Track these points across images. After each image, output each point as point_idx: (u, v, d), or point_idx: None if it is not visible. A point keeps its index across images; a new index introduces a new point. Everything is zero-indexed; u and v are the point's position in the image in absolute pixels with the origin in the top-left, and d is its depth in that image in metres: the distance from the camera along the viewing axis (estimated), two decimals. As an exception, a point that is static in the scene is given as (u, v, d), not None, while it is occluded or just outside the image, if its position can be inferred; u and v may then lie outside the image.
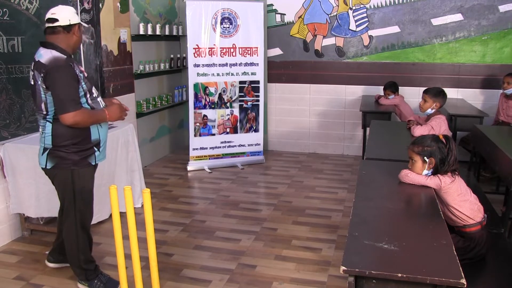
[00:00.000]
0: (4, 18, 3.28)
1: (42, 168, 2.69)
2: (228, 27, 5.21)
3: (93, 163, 2.71)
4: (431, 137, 2.47)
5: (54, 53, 2.48)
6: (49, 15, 2.53)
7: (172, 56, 5.86)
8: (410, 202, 2.32)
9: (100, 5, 4.40)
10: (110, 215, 3.58)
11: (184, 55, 6.03)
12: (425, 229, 1.94)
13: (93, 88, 2.68)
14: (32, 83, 2.52)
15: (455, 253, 1.69)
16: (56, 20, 2.51)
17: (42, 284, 2.90)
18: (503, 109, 4.94)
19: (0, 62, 3.28)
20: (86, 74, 2.64)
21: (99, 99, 2.71)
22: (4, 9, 3.28)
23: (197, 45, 5.11)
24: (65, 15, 2.52)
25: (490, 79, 5.40)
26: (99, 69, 4.48)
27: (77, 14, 2.58)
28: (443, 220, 2.02)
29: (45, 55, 2.47)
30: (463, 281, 1.51)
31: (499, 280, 2.33)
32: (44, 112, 2.53)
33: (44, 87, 2.45)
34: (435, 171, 2.41)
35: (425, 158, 2.40)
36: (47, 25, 2.54)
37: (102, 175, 3.61)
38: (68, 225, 2.75)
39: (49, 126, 2.56)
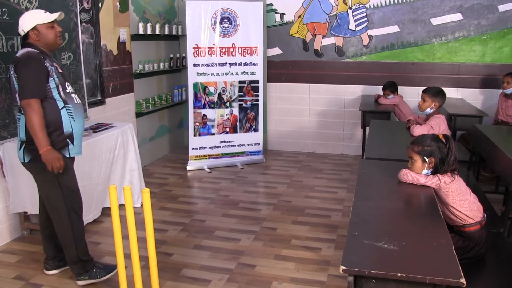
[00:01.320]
0: (4, 17, 3.28)
1: (22, 163, 2.74)
2: (228, 27, 5.21)
3: (68, 156, 2.72)
4: (431, 136, 2.47)
5: (28, 49, 2.61)
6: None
7: (171, 55, 5.86)
8: (409, 202, 2.32)
9: (100, 4, 4.40)
10: (107, 214, 3.57)
11: (184, 55, 6.02)
12: (425, 228, 1.94)
13: (68, 84, 2.76)
14: (9, 75, 2.65)
15: (455, 253, 1.69)
16: (19, 33, 2.71)
17: (42, 284, 2.90)
18: (502, 108, 4.95)
19: (0, 61, 3.28)
20: (60, 70, 2.74)
21: (74, 95, 2.77)
22: (4, 9, 3.27)
23: (196, 44, 5.11)
24: (20, 26, 2.68)
25: (490, 78, 5.40)
26: (99, 69, 4.48)
27: (35, 16, 2.68)
28: (443, 219, 2.02)
29: (21, 51, 2.62)
30: (463, 280, 1.51)
31: (499, 280, 2.33)
32: (18, 103, 2.60)
33: (15, 76, 2.56)
34: (435, 171, 2.41)
35: (424, 157, 2.40)
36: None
37: (101, 174, 3.62)
38: (59, 217, 2.77)
39: (23, 119, 2.61)
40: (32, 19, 2.66)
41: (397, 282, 1.60)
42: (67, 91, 2.72)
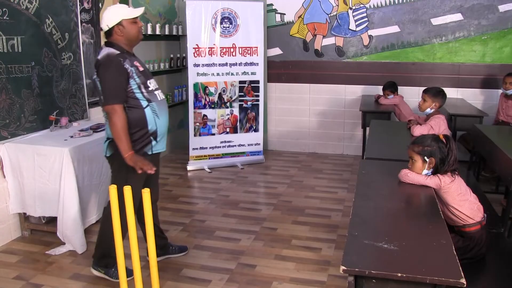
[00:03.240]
0: (4, 17, 3.28)
1: (105, 156, 2.82)
2: (228, 27, 5.21)
3: (149, 153, 2.77)
4: (431, 137, 2.47)
5: (109, 50, 2.64)
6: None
7: (172, 55, 5.86)
8: (410, 202, 2.32)
9: (100, 4, 4.40)
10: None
11: (184, 55, 6.03)
12: (425, 228, 1.94)
13: (151, 81, 2.78)
14: (94, 77, 2.69)
15: (455, 253, 1.69)
16: (101, 28, 2.75)
17: (42, 284, 2.90)
18: (503, 109, 4.94)
19: (0, 61, 3.28)
20: (141, 69, 2.73)
21: (157, 92, 2.80)
22: (4, 9, 3.27)
23: (197, 44, 5.11)
24: (104, 21, 2.69)
25: (490, 79, 5.40)
26: (99, 69, 4.47)
27: (120, 11, 2.68)
28: (443, 219, 2.02)
29: (102, 52, 2.66)
30: (463, 280, 1.51)
31: (499, 280, 2.33)
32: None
33: (98, 79, 2.62)
34: (435, 171, 2.41)
35: (425, 158, 2.40)
36: None
37: (102, 174, 3.62)
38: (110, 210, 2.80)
39: (103, 108, 2.67)
40: (118, 14, 2.66)
41: (397, 282, 1.60)
42: (150, 88, 2.74)
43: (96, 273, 2.94)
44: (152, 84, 2.78)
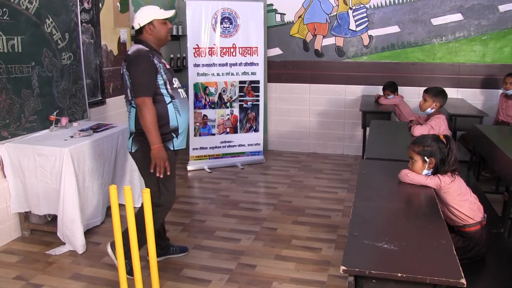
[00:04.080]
0: (4, 18, 3.27)
1: (129, 152, 2.88)
2: (228, 27, 5.21)
3: (172, 149, 2.84)
4: (431, 137, 2.47)
5: (139, 46, 2.77)
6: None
7: (172, 56, 5.86)
8: (410, 202, 2.32)
9: (100, 5, 4.40)
10: (108, 214, 3.57)
11: (184, 55, 6.03)
12: (425, 229, 1.94)
13: (175, 79, 2.88)
14: (122, 72, 2.80)
15: (455, 253, 1.69)
16: (133, 26, 2.87)
17: (42, 284, 2.90)
18: (503, 109, 4.94)
19: (0, 61, 3.28)
20: (168, 67, 2.85)
21: (180, 90, 2.89)
22: (4, 9, 3.27)
23: (197, 45, 5.11)
24: (137, 20, 2.82)
25: (490, 79, 5.40)
26: (99, 69, 4.48)
27: (152, 11, 2.81)
28: (443, 220, 2.02)
29: (132, 49, 2.78)
30: (463, 280, 1.51)
31: (499, 280, 2.33)
32: (130, 98, 2.76)
33: (128, 73, 2.70)
34: (435, 171, 2.41)
35: (425, 158, 2.40)
36: None
37: (102, 174, 3.62)
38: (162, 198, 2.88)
39: (133, 111, 2.78)
40: (150, 14, 2.79)
41: (397, 282, 1.60)
42: (174, 86, 2.83)
43: (111, 254, 2.89)
44: (176, 82, 2.88)
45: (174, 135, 2.84)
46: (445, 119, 3.56)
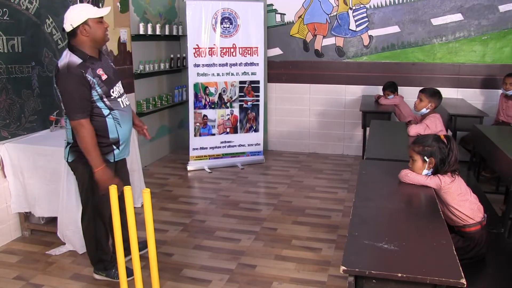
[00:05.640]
0: (4, 18, 3.28)
1: (66, 161, 2.77)
2: (228, 27, 5.21)
3: (112, 161, 2.72)
4: (432, 137, 2.47)
5: (70, 58, 2.53)
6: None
7: (172, 56, 5.86)
8: (410, 202, 2.32)
9: (100, 5, 4.40)
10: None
11: (184, 55, 6.03)
12: (425, 229, 1.93)
13: (115, 88, 2.68)
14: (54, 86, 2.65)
15: (455, 253, 1.69)
16: (64, 28, 2.59)
17: (42, 284, 2.91)
18: (503, 109, 4.94)
19: (0, 62, 3.28)
20: (105, 77, 2.62)
21: (120, 99, 2.71)
22: (4, 9, 3.28)
23: (197, 45, 5.11)
24: (67, 21, 2.54)
25: (490, 79, 5.40)
26: (99, 69, 4.47)
27: (85, 10, 2.56)
28: (443, 220, 2.02)
29: (63, 59, 2.55)
30: (463, 281, 1.51)
31: (499, 280, 2.33)
32: (63, 113, 2.64)
33: (57, 89, 2.56)
34: (435, 171, 2.41)
35: (425, 157, 2.40)
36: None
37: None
38: (86, 217, 2.84)
39: (69, 122, 2.60)
40: (82, 13, 2.52)
41: (397, 283, 1.60)
42: (112, 97, 2.65)
43: (99, 277, 2.96)
44: (116, 91, 2.69)
45: (115, 147, 2.70)
46: (439, 117, 3.57)
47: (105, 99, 2.61)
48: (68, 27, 2.55)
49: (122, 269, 2.14)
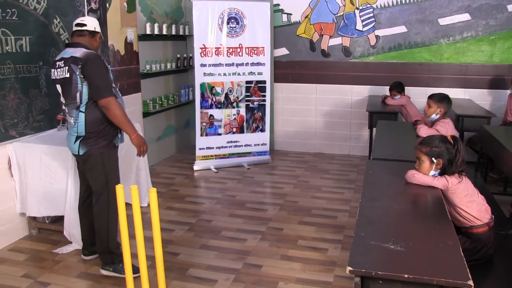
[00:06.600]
0: (13, 18, 3.30)
1: (75, 155, 2.92)
2: (235, 27, 5.21)
3: (117, 145, 2.98)
4: (439, 137, 2.46)
5: (85, 50, 2.79)
6: (78, 20, 2.92)
7: (178, 55, 5.88)
8: (416, 203, 2.32)
9: (107, 5, 4.42)
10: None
11: (191, 55, 6.04)
12: (432, 229, 1.93)
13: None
14: (68, 75, 2.73)
15: (462, 254, 1.68)
16: (84, 25, 2.89)
17: (49, 282, 2.92)
18: (511, 109, 4.91)
19: (8, 61, 3.30)
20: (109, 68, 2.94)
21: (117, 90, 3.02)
22: (13, 9, 3.30)
23: (203, 44, 5.11)
24: (92, 23, 2.93)
25: (498, 79, 5.37)
26: (106, 69, 4.49)
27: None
28: (450, 221, 2.01)
29: (77, 51, 2.76)
30: (470, 282, 1.50)
31: (507, 282, 2.31)
32: (78, 103, 2.76)
33: (82, 77, 2.71)
34: (442, 172, 2.40)
35: (432, 158, 2.39)
36: (75, 28, 2.89)
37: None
38: (99, 206, 2.92)
39: (82, 116, 2.77)
40: (99, 27, 2.99)
41: (404, 283, 1.59)
42: (115, 87, 2.93)
43: (106, 273, 2.97)
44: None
45: (119, 132, 2.95)
46: (450, 123, 3.53)
47: (114, 86, 2.88)
48: (92, 28, 2.91)
49: (128, 268, 2.15)
